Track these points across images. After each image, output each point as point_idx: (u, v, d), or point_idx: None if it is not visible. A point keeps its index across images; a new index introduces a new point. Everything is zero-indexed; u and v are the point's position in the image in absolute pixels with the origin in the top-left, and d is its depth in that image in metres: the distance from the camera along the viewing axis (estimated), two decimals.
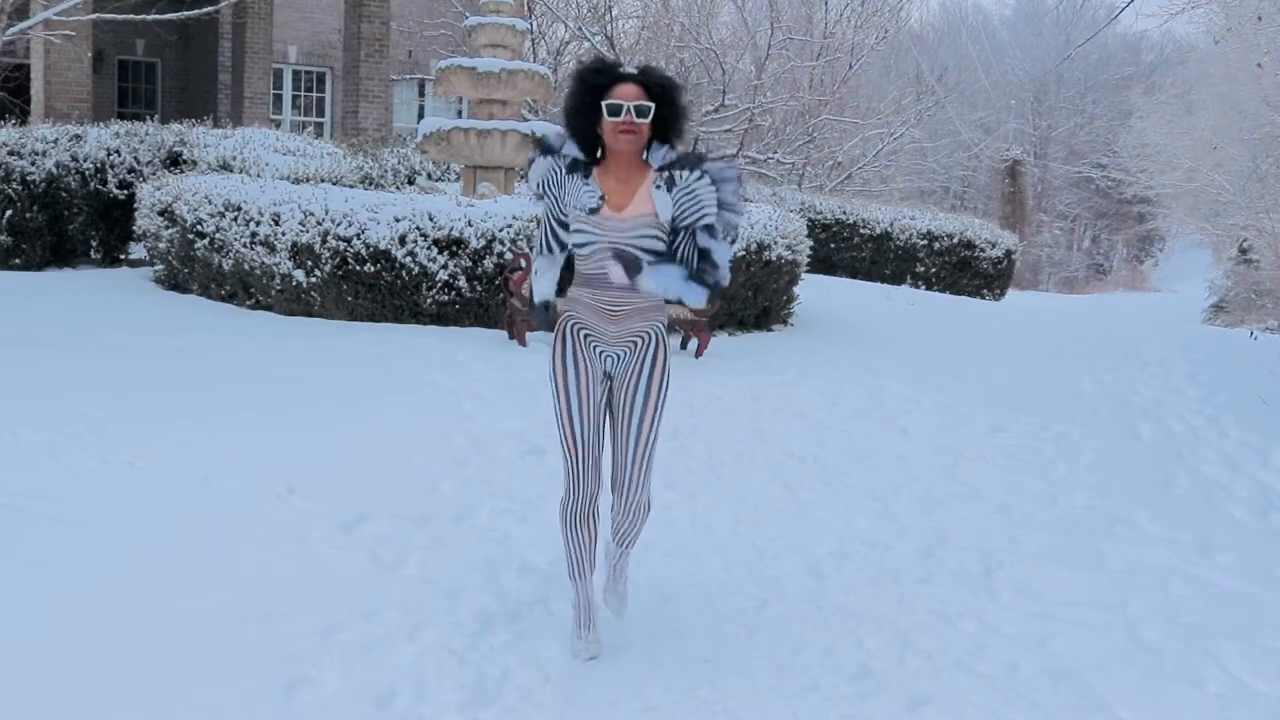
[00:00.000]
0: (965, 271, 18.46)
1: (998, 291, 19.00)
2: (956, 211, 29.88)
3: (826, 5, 24.49)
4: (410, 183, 14.67)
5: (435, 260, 9.45)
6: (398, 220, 9.50)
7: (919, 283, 17.85)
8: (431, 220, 9.52)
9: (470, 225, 9.53)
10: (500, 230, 9.51)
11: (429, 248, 9.45)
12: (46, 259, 11.95)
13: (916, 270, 18.05)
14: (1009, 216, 38.34)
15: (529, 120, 13.21)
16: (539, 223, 3.74)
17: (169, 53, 22.63)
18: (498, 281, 9.46)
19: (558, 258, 3.69)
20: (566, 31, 23.12)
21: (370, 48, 21.15)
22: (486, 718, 3.40)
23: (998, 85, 43.09)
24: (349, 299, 9.55)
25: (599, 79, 3.57)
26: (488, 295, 9.54)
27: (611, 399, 3.77)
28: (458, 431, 6.34)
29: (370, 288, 9.51)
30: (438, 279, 9.48)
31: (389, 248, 9.42)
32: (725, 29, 26.06)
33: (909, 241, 18.04)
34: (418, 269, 9.44)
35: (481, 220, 9.57)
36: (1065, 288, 42.32)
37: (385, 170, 14.74)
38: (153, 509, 4.75)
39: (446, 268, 9.48)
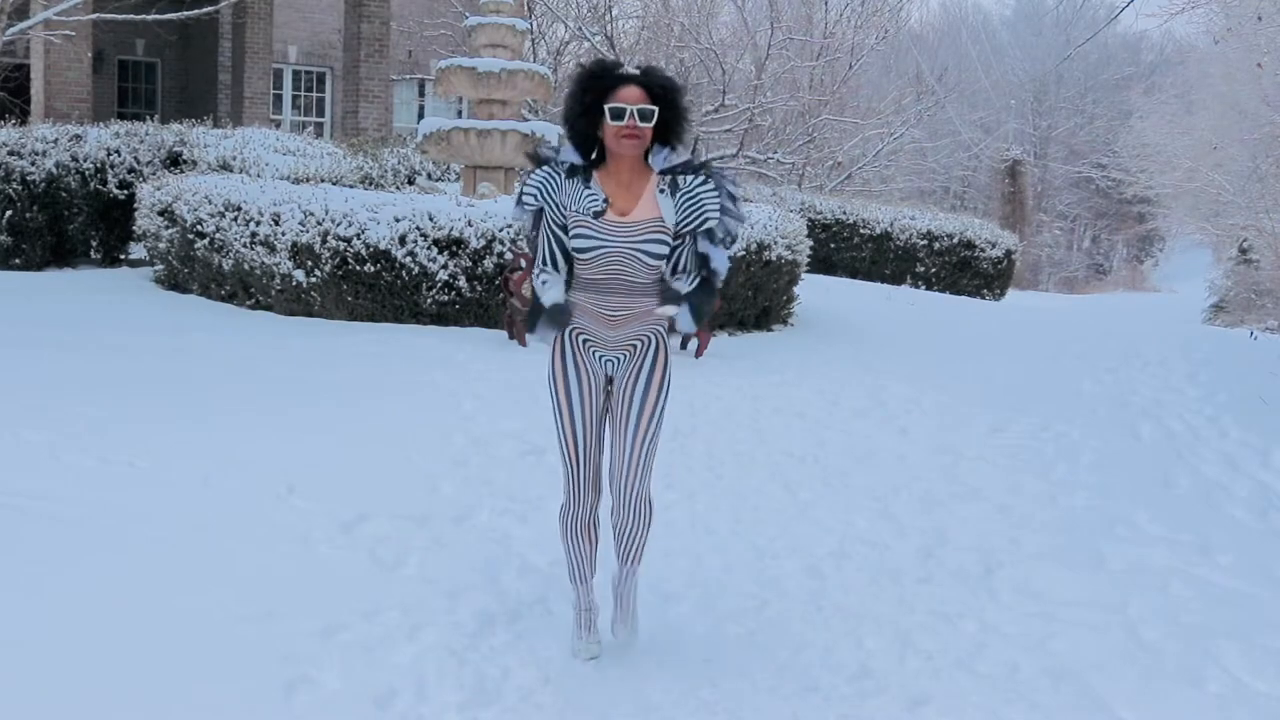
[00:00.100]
0: (965, 271, 18.46)
1: (998, 291, 19.00)
2: (956, 211, 29.87)
3: (826, 5, 24.47)
4: (410, 183, 14.67)
5: (435, 260, 9.45)
6: (398, 220, 9.50)
7: (919, 283, 17.85)
8: (431, 220, 9.52)
9: (470, 225, 9.53)
10: (500, 230, 9.51)
11: (429, 248, 9.45)
12: (46, 259, 11.95)
13: (916, 270, 18.05)
14: (1009, 216, 38.33)
15: (529, 120, 13.22)
16: (537, 234, 3.61)
17: (169, 53, 22.63)
18: (498, 281, 9.46)
19: (562, 274, 3.58)
20: (566, 31, 23.10)
21: (370, 48, 21.16)
22: (486, 718, 3.40)
23: (998, 85, 43.07)
24: (349, 299, 9.55)
25: (600, 82, 3.49)
26: (488, 295, 9.55)
27: (611, 401, 3.72)
28: (458, 431, 6.34)
29: (370, 288, 9.52)
30: (438, 279, 9.48)
31: (389, 248, 9.42)
32: (725, 29, 26.04)
33: (909, 241, 18.04)
34: (418, 269, 9.44)
35: (481, 220, 9.57)
36: (1065, 288, 42.30)
37: (385, 170, 14.74)
38: (153, 509, 4.75)
39: (446, 268, 9.48)
